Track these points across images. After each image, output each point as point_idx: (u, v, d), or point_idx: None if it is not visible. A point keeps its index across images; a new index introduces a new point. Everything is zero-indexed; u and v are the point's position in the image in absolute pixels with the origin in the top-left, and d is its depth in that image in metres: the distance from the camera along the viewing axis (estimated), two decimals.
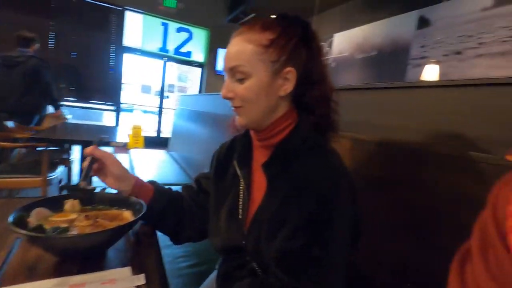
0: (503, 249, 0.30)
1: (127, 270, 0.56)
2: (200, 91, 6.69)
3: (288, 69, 0.62)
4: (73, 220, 0.62)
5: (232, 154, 0.78)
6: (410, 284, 0.71)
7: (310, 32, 0.66)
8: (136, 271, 0.57)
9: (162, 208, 0.76)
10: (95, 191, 0.72)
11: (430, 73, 3.07)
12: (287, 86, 0.63)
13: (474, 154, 0.62)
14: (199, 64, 6.58)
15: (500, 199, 0.34)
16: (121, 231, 0.59)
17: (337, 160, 0.63)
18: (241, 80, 0.62)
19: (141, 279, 0.54)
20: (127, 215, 0.67)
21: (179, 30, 6.05)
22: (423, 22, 3.63)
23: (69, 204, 0.67)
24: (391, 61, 4.03)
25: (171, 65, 6.32)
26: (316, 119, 0.66)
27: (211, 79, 6.63)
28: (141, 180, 0.78)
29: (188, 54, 6.29)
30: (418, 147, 0.73)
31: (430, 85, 0.88)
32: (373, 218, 0.78)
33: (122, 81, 5.71)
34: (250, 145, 0.74)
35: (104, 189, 0.89)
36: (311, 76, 0.65)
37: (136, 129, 4.37)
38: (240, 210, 0.71)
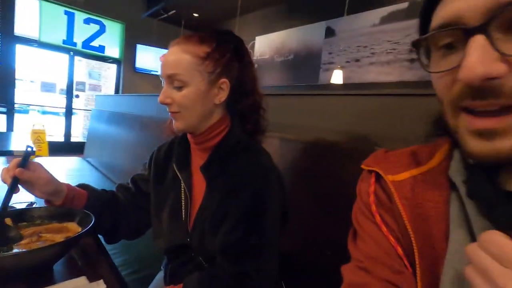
0: (373, 226, 0.42)
1: (83, 279, 0.57)
2: (117, 90, 6.14)
3: (223, 80, 0.69)
4: None
5: (171, 157, 0.82)
6: (330, 252, 0.89)
7: (242, 47, 0.75)
8: (91, 279, 0.58)
9: (98, 213, 0.75)
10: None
11: (337, 77, 3.59)
12: (221, 95, 0.70)
13: (357, 146, 0.83)
14: (114, 60, 6.02)
15: (362, 191, 0.46)
16: (74, 242, 0.58)
17: (267, 159, 0.72)
18: (179, 88, 0.67)
19: (100, 285, 0.55)
20: (73, 227, 0.66)
21: (87, 21, 5.41)
22: (329, 32, 4.19)
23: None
24: (306, 65, 4.52)
25: (79, 60, 5.61)
26: (248, 124, 0.75)
27: (129, 77, 6.16)
28: (73, 187, 0.76)
29: (101, 49, 5.69)
30: (333, 144, 0.92)
31: (338, 93, 1.10)
32: (301, 204, 0.95)
33: (16, 77, 4.81)
34: (188, 148, 0.80)
35: (32, 203, 0.83)
36: (243, 86, 0.73)
37: (38, 134, 3.74)
38: (183, 210, 0.76)
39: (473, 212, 0.34)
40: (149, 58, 6.25)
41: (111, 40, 5.80)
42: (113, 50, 5.88)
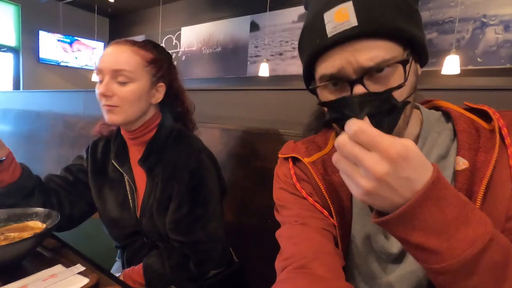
0: (294, 197, 0.53)
1: (59, 266, 0.63)
2: (16, 84, 5.25)
3: (161, 84, 0.81)
4: None
5: (108, 152, 0.89)
6: (270, 220, 1.10)
7: (172, 61, 0.88)
8: (66, 266, 0.64)
9: (32, 187, 0.78)
10: None
11: (264, 69, 3.86)
12: (158, 97, 0.81)
13: (283, 131, 1.05)
14: (9, 49, 5.11)
15: (281, 174, 0.57)
16: (44, 236, 0.63)
17: (197, 142, 0.84)
18: (123, 83, 0.74)
19: (79, 268, 0.62)
20: (35, 224, 0.69)
21: None
22: (254, 26, 4.41)
23: None
24: (234, 57, 4.67)
25: None
26: (178, 116, 0.89)
27: (31, 68, 5.32)
28: (13, 155, 0.76)
29: None
30: (260, 131, 1.12)
31: (261, 89, 1.32)
32: (241, 181, 1.13)
33: None
34: (125, 144, 0.87)
35: None
36: (175, 90, 0.86)
37: None
38: (130, 201, 0.84)
39: None
40: (56, 47, 5.50)
41: (4, 24, 4.90)
42: (8, 37, 4.99)
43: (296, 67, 3.97)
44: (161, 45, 0.87)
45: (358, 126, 0.33)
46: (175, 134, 0.83)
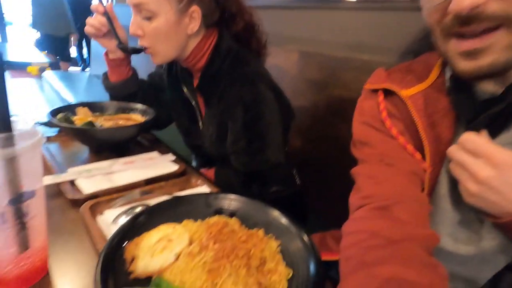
0: (381, 135, 0.47)
1: (156, 153, 0.75)
2: None
3: (193, 8, 0.67)
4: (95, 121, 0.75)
5: (181, 71, 0.86)
6: (337, 150, 1.09)
7: None
8: (160, 153, 0.76)
9: (137, 88, 0.87)
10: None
11: None
12: (194, 25, 0.68)
13: (369, 58, 0.94)
14: None
15: (367, 109, 0.50)
16: (144, 125, 0.75)
17: (254, 68, 0.73)
18: (148, 19, 0.66)
19: (170, 157, 0.74)
20: (136, 117, 0.82)
21: None
22: None
23: (81, 111, 0.77)
24: None
25: None
26: (239, 35, 0.76)
27: None
28: None
29: None
30: (342, 56, 1.02)
31: (349, 8, 1.15)
32: (311, 108, 1.10)
33: None
34: (189, 70, 0.83)
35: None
36: (227, 9, 0.73)
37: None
38: (198, 122, 0.86)
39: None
40: None
41: None
42: None
43: None
44: None
45: (466, 135, 0.36)
46: (230, 60, 0.73)
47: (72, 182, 0.60)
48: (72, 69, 3.59)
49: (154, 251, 0.40)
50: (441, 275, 0.34)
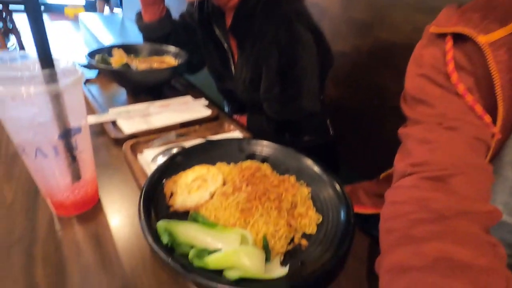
0: (441, 90, 0.38)
1: (189, 97, 0.76)
2: None
3: None
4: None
5: (213, 11, 0.81)
6: (389, 107, 1.01)
7: None
8: (194, 98, 0.76)
9: (170, 30, 0.84)
10: None
11: None
12: None
13: None
14: None
15: (428, 57, 0.40)
16: (178, 68, 0.74)
17: (291, 7, 0.67)
18: None
19: (204, 101, 0.74)
20: (170, 60, 0.81)
21: None
22: None
23: (117, 52, 0.78)
24: None
25: None
26: None
27: None
28: None
29: None
30: None
31: None
32: (352, 52, 1.01)
33: None
34: (221, 9, 0.78)
35: None
36: None
37: None
38: (230, 65, 0.83)
39: None
40: None
41: None
42: None
43: None
44: None
45: None
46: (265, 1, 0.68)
47: (113, 123, 0.63)
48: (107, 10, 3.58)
49: (190, 189, 0.42)
50: (500, 256, 0.29)
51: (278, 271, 0.33)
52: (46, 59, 0.31)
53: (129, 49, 0.82)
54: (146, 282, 0.34)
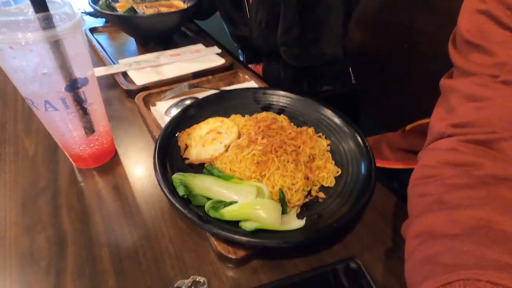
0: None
1: (201, 45, 0.71)
2: None
3: None
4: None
5: None
6: (407, 45, 0.92)
7: None
8: (206, 46, 0.72)
9: None
10: None
11: None
12: None
13: None
14: None
15: None
16: (188, 12, 0.68)
17: None
18: None
19: (216, 49, 0.69)
20: (178, 3, 0.75)
21: None
22: None
23: None
24: None
25: None
26: None
27: None
28: None
29: None
30: None
31: None
32: None
33: None
34: None
35: None
36: None
37: None
38: (244, 7, 0.75)
39: None
40: None
41: None
42: None
43: None
44: None
45: None
46: None
47: (124, 74, 0.61)
48: None
49: (205, 141, 0.41)
50: None
51: (295, 223, 0.32)
52: (39, 3, 0.28)
53: None
54: (165, 231, 0.35)
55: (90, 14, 0.82)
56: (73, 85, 0.33)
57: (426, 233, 0.26)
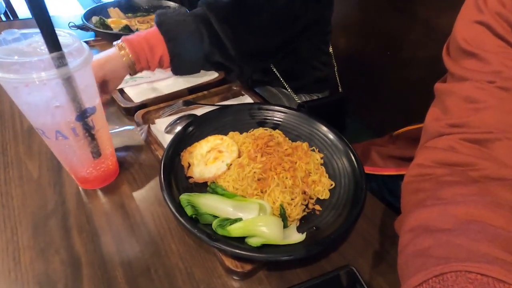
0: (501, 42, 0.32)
1: None
2: None
3: None
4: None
5: None
6: (403, 59, 0.96)
7: None
8: None
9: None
10: None
11: None
12: None
13: None
14: None
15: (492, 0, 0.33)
16: None
17: None
18: None
19: None
20: None
21: None
22: None
23: (113, 12, 0.73)
24: None
25: None
26: None
27: None
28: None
29: None
30: None
31: None
32: None
33: None
34: None
35: None
36: None
37: None
38: None
39: None
40: None
41: None
42: None
43: None
44: None
45: None
46: None
47: (121, 91, 0.62)
48: None
49: (207, 160, 0.44)
50: None
51: (296, 236, 0.36)
52: (53, 44, 0.30)
53: (125, 7, 0.76)
54: (174, 247, 0.38)
55: (80, 27, 0.82)
56: (83, 115, 0.35)
57: (420, 227, 0.28)
